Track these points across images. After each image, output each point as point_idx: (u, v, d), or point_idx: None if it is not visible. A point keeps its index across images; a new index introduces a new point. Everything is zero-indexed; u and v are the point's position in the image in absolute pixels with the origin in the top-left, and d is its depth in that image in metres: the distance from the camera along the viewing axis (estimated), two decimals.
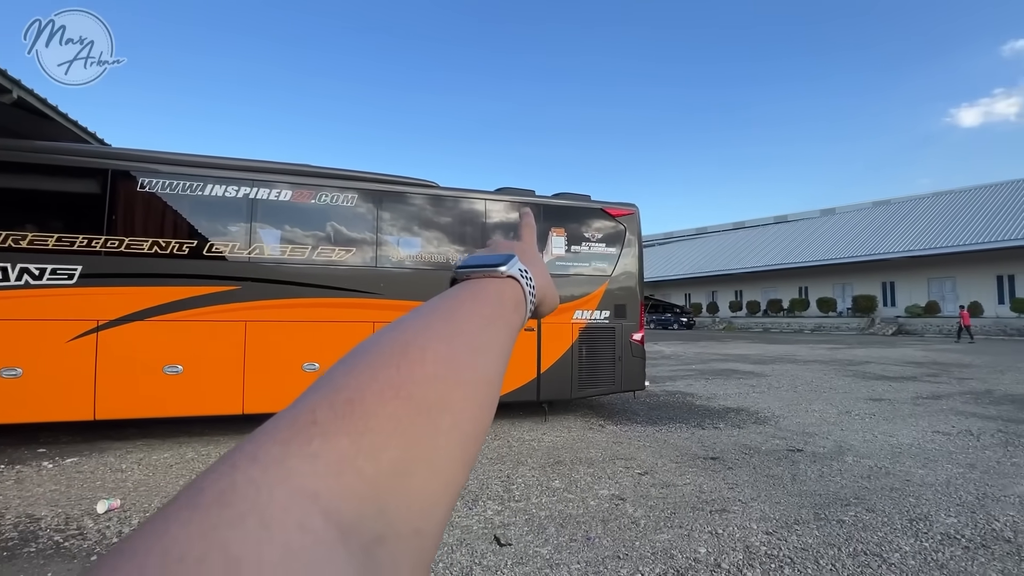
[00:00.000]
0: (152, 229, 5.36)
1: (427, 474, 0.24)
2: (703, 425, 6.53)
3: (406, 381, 0.26)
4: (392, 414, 0.24)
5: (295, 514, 0.19)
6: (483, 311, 0.36)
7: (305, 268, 5.77)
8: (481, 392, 0.30)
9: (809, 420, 6.76)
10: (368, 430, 0.23)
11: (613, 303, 6.95)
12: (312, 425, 0.22)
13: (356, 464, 0.22)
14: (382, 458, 0.23)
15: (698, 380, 10.81)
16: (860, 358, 15.45)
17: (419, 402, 0.26)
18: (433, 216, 6.42)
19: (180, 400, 5.30)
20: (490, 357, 0.33)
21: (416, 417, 0.25)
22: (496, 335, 0.35)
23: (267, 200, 5.70)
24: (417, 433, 0.25)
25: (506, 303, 0.39)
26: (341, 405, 0.24)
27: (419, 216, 6.35)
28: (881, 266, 33.72)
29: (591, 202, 7.14)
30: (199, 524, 0.17)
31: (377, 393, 0.25)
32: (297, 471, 0.20)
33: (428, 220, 6.39)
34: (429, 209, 6.39)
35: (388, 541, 0.21)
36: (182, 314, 5.31)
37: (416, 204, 6.33)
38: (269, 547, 0.17)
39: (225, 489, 0.19)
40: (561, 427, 6.43)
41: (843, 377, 11.09)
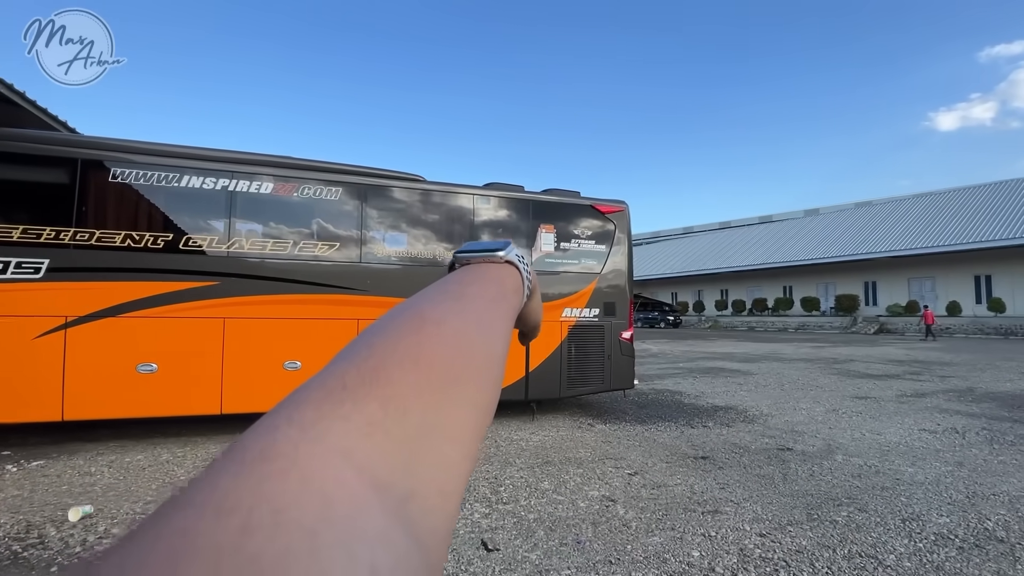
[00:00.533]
0: (125, 221, 5.14)
1: (447, 439, 0.25)
2: (692, 424, 6.48)
3: (425, 353, 0.27)
4: (414, 382, 0.25)
5: (331, 470, 0.20)
6: (488, 292, 0.37)
7: (287, 263, 5.58)
8: (491, 367, 0.31)
9: (797, 418, 6.76)
10: (394, 396, 0.24)
11: (602, 301, 6.86)
12: (343, 390, 0.24)
13: (385, 426, 0.23)
14: (407, 422, 0.24)
15: (686, 378, 10.80)
16: (844, 356, 15.63)
17: (438, 373, 0.27)
18: (420, 211, 6.26)
19: (155, 400, 5.09)
20: (496, 336, 0.34)
21: (436, 386, 0.26)
22: (501, 316, 0.36)
23: (247, 193, 5.50)
24: (437, 401, 0.26)
25: (507, 286, 0.40)
26: (368, 372, 0.25)
27: (405, 210, 6.20)
28: (863, 266, 34.29)
29: (580, 199, 7.05)
30: (247, 478, 0.18)
31: (399, 363, 0.26)
32: (331, 431, 0.21)
33: (415, 215, 6.23)
34: (416, 203, 6.24)
35: (417, 498, 0.22)
36: (157, 310, 5.10)
37: (402, 198, 6.17)
38: (309, 499, 0.18)
39: (267, 447, 0.20)
40: (550, 426, 6.33)
41: (828, 375, 11.18)
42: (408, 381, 0.25)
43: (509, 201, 6.65)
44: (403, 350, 0.27)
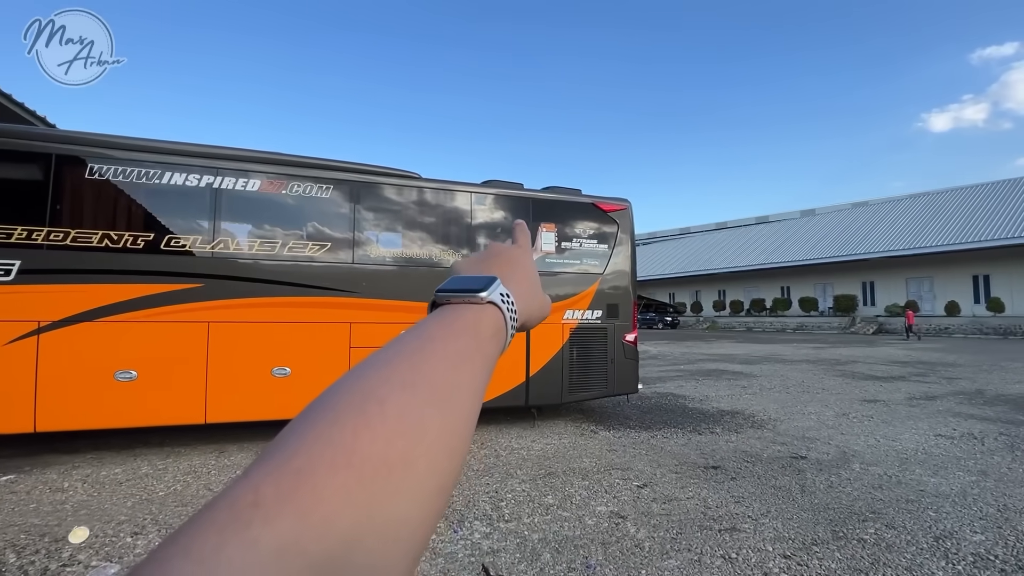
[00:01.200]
0: (103, 220, 4.85)
1: (383, 542, 0.23)
2: (699, 430, 6.24)
3: (361, 445, 0.24)
4: (343, 484, 0.23)
5: None
6: (456, 346, 0.34)
7: (275, 264, 5.31)
8: (448, 443, 0.28)
9: (807, 423, 6.52)
10: (316, 505, 0.22)
11: (605, 302, 6.62)
12: (253, 507, 0.21)
13: (300, 546, 0.20)
14: (331, 535, 0.21)
15: (688, 381, 10.57)
16: (846, 357, 15.44)
17: (376, 464, 0.24)
18: (415, 209, 6.00)
19: (134, 409, 4.80)
20: (460, 400, 0.31)
21: (372, 483, 0.24)
22: (470, 372, 0.33)
23: (233, 190, 5.23)
24: (372, 500, 0.23)
25: (483, 333, 0.37)
26: (288, 480, 0.22)
27: (400, 209, 5.93)
28: (861, 266, 34.21)
29: (582, 196, 6.81)
30: None
31: (329, 462, 0.23)
32: (234, 562, 0.19)
33: (410, 213, 5.97)
34: (411, 201, 5.97)
35: None
36: (136, 314, 4.82)
37: (397, 196, 5.91)
38: None
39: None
40: (552, 433, 6.07)
41: (833, 377, 10.97)
42: (337, 483, 0.22)
43: (508, 199, 6.39)
44: (337, 443, 0.24)
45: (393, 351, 0.32)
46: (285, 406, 5.24)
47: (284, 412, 5.28)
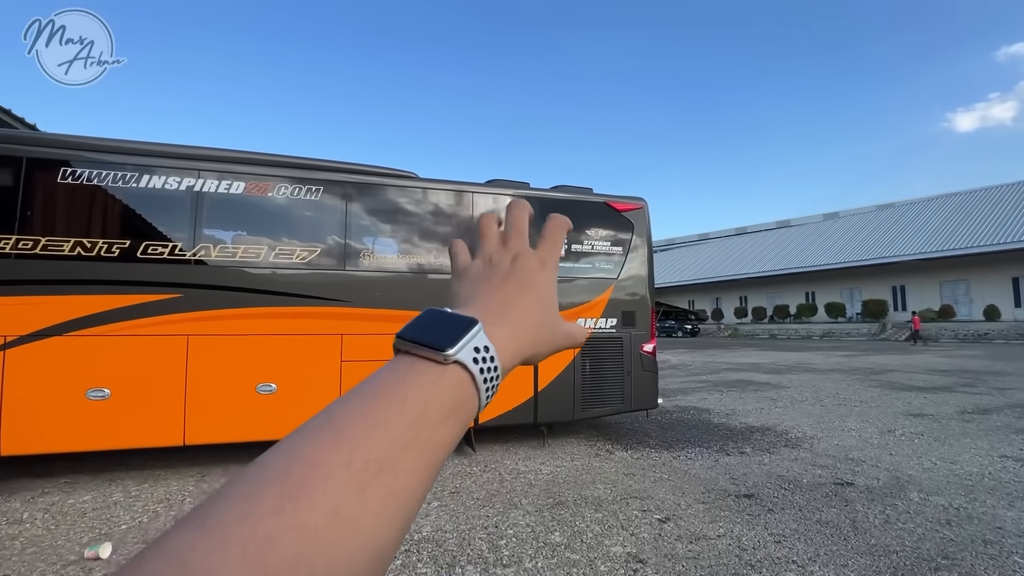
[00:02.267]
0: (76, 227, 4.54)
1: None
2: (727, 449, 5.63)
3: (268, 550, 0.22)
4: None
5: None
6: (389, 434, 0.28)
7: (260, 272, 4.93)
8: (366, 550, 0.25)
9: (848, 442, 5.86)
10: None
11: (620, 310, 6.08)
12: None
13: None
14: None
15: (712, 393, 9.91)
16: (881, 366, 14.53)
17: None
18: (412, 211, 5.58)
19: (106, 431, 4.43)
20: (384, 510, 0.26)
21: None
22: (402, 475, 0.27)
23: (215, 193, 4.87)
24: None
25: (432, 413, 0.30)
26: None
27: (396, 211, 5.52)
28: (890, 270, 32.86)
29: (593, 195, 6.32)
30: None
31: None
32: None
33: (406, 216, 5.55)
34: (407, 204, 5.56)
35: None
36: (110, 327, 4.46)
37: (392, 198, 5.50)
38: None
39: None
40: (563, 454, 5.54)
41: (870, 388, 10.18)
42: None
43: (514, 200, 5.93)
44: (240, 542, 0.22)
45: (326, 421, 0.28)
46: (271, 425, 4.82)
47: (270, 432, 4.86)
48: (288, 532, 0.22)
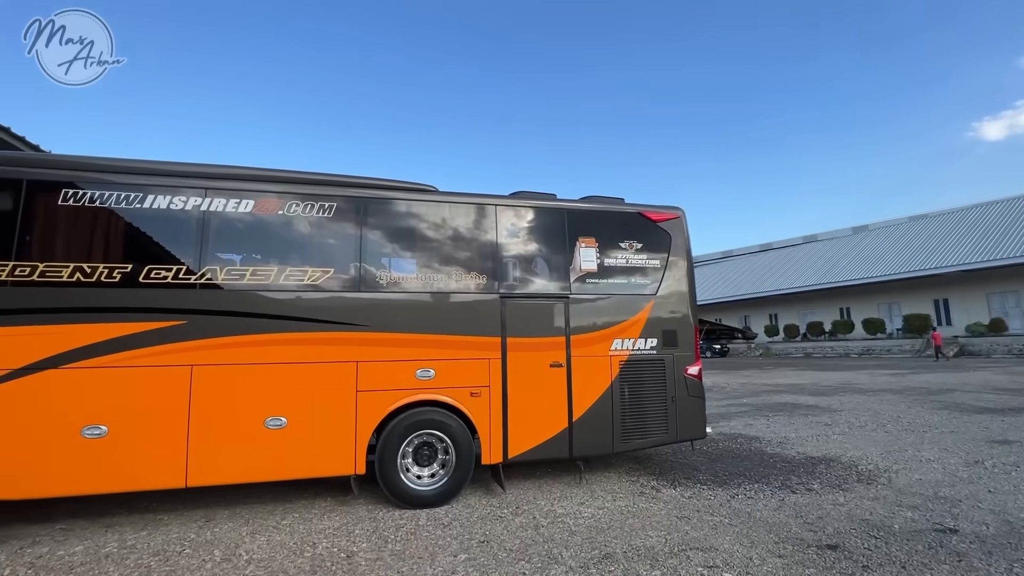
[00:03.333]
0: (76, 251, 4.25)
1: None
2: (791, 485, 4.95)
3: None
4: None
5: None
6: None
7: (270, 296, 4.56)
8: None
9: (933, 476, 5.11)
10: None
11: (660, 329, 5.52)
12: None
13: None
14: None
15: (757, 418, 9.14)
16: (936, 385, 13.43)
17: None
18: (431, 227, 5.18)
19: (102, 472, 4.04)
20: None
21: None
22: None
23: (223, 212, 4.57)
24: None
25: None
26: None
27: (414, 228, 5.13)
28: (931, 282, 31.28)
29: (626, 205, 5.84)
30: None
31: None
32: None
33: (425, 232, 5.15)
34: (426, 219, 5.17)
35: None
36: (109, 359, 4.12)
37: (410, 212, 5.12)
38: None
39: None
40: (603, 492, 4.93)
41: (934, 410, 9.26)
42: None
43: (538, 211, 5.50)
44: None
45: None
46: (280, 463, 4.38)
47: (279, 471, 4.42)
48: None
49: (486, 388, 4.91)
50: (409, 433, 4.69)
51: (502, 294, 5.10)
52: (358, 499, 4.80)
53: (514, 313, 5.10)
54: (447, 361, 4.86)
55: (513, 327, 5.06)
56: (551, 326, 5.21)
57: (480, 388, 4.89)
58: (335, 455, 4.51)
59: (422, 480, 4.72)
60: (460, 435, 4.76)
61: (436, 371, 4.79)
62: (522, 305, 5.17)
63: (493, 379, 4.94)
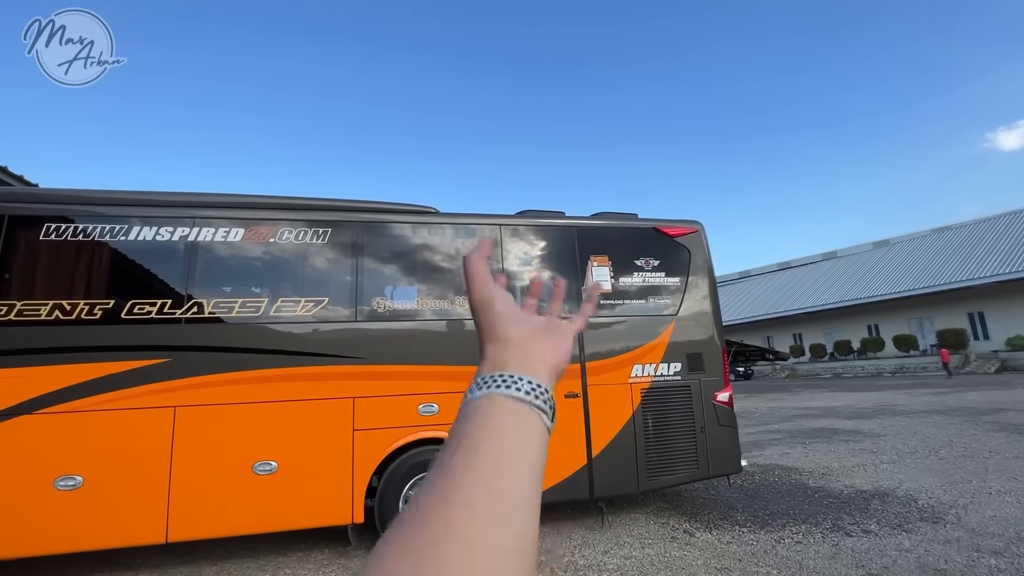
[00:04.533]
0: (56, 288, 4.02)
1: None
2: (843, 526, 4.36)
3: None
4: None
5: None
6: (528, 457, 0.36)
7: (260, 329, 4.25)
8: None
9: (1009, 512, 4.47)
10: None
11: (684, 352, 5.07)
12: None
13: None
14: None
15: (793, 446, 8.45)
16: (985, 404, 12.49)
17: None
18: (433, 251, 4.88)
19: (77, 529, 3.68)
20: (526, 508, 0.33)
21: None
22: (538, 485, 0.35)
23: (211, 242, 4.32)
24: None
25: (536, 442, 0.38)
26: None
27: (414, 252, 4.82)
28: (964, 295, 29.95)
29: (640, 221, 5.48)
30: None
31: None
32: None
33: (426, 257, 4.84)
34: (427, 242, 4.87)
35: None
36: (86, 402, 3.82)
37: (409, 236, 4.83)
38: None
39: None
40: (630, 538, 4.40)
41: (989, 433, 8.47)
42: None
43: (546, 230, 5.17)
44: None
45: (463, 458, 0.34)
46: (269, 514, 3.98)
47: (269, 522, 4.02)
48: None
49: None
50: (412, 476, 4.26)
51: None
52: (357, 551, 4.35)
53: None
54: (452, 395, 4.45)
55: None
56: None
57: None
58: (330, 502, 4.09)
59: None
60: None
61: (440, 406, 4.39)
62: None
63: None
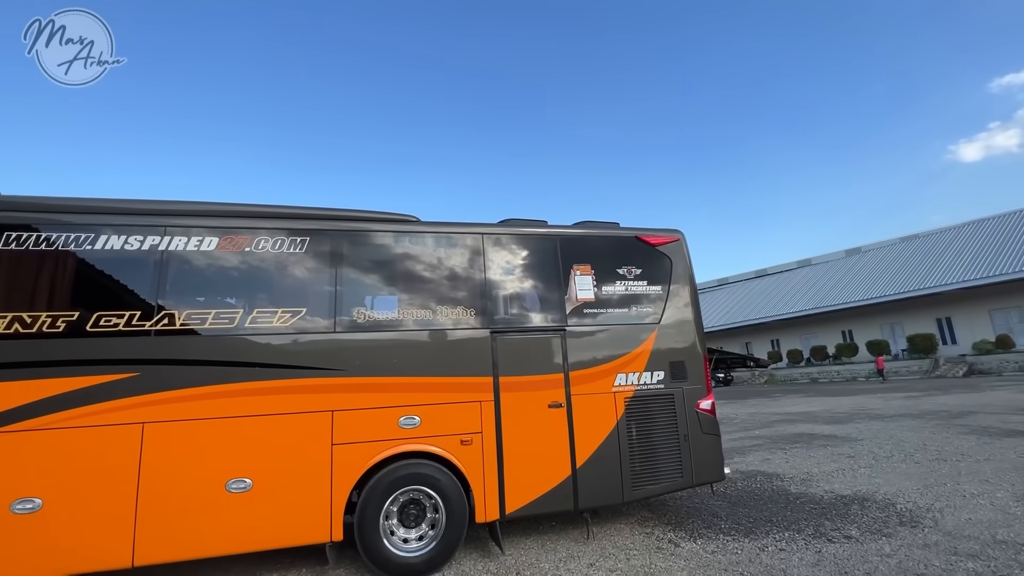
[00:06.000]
0: (15, 300, 3.82)
1: None
2: (825, 532, 4.39)
3: None
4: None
5: None
6: None
7: (234, 341, 4.11)
8: None
9: (983, 514, 4.56)
10: None
11: (667, 360, 5.07)
12: None
13: None
14: None
15: (774, 452, 8.55)
16: (956, 407, 12.85)
17: None
18: (414, 260, 4.80)
19: (36, 553, 3.47)
20: None
21: None
22: None
23: (184, 252, 4.18)
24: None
25: None
26: None
27: (395, 261, 4.74)
28: (932, 301, 30.97)
29: (622, 230, 5.50)
30: None
31: None
32: None
33: (407, 265, 4.76)
34: (408, 251, 4.79)
35: None
36: (47, 419, 3.63)
37: (390, 245, 4.75)
38: None
39: None
40: (614, 549, 4.36)
41: (961, 435, 8.69)
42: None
43: (529, 239, 5.14)
44: None
45: None
46: (243, 533, 3.82)
47: (243, 542, 3.85)
48: None
49: (478, 435, 4.40)
50: (393, 490, 4.15)
51: (492, 329, 4.68)
52: (336, 570, 4.21)
53: (506, 349, 4.66)
54: (434, 406, 4.37)
55: (506, 365, 4.61)
56: (548, 362, 4.76)
57: (471, 435, 4.39)
58: (308, 520, 3.95)
59: (409, 544, 4.15)
60: (451, 490, 4.22)
61: (422, 418, 4.30)
62: (515, 340, 4.73)
63: (486, 424, 4.44)
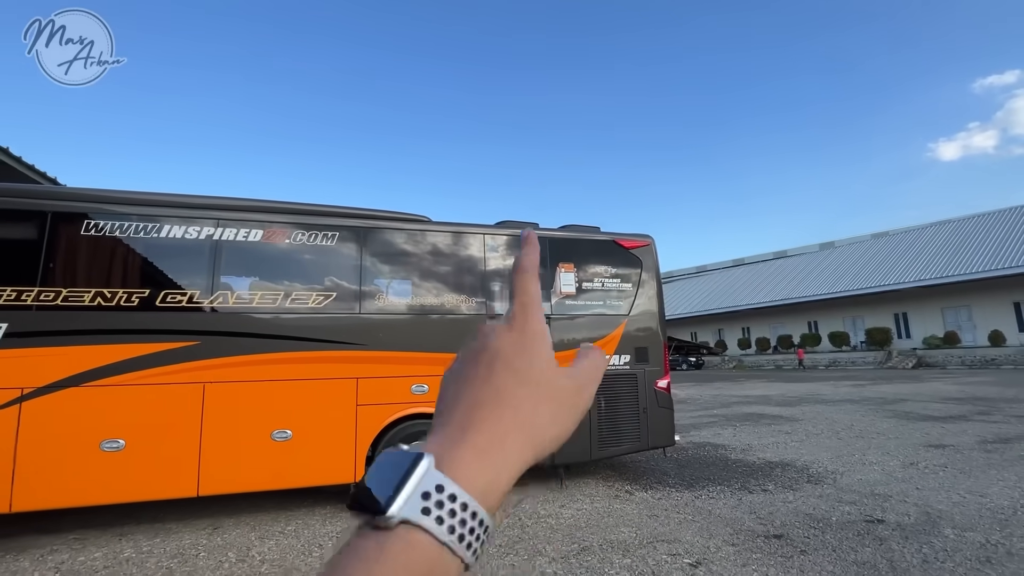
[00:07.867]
0: (97, 278, 4.60)
1: None
2: (749, 487, 5.52)
3: None
4: None
5: None
6: None
7: (277, 318, 4.96)
8: None
9: (872, 476, 5.75)
10: None
11: (633, 346, 6.09)
12: None
13: None
14: None
15: (725, 428, 9.76)
16: (892, 395, 14.36)
17: None
18: (426, 254, 5.67)
19: (120, 483, 4.35)
20: None
21: None
22: None
23: (234, 241, 4.97)
24: None
25: None
26: None
27: (409, 254, 5.61)
28: (891, 297, 32.94)
29: (601, 234, 6.43)
30: None
31: None
32: None
33: (420, 259, 5.64)
34: (421, 246, 5.66)
35: None
36: (127, 377, 4.46)
37: (406, 241, 5.60)
38: None
39: None
40: (581, 496, 5.42)
41: (885, 419, 10.04)
42: None
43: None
44: None
45: None
46: (285, 473, 4.75)
47: (284, 480, 4.79)
48: None
49: None
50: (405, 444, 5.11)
51: (490, 314, 5.61)
52: None
53: None
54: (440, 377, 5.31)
55: None
56: None
57: None
58: (336, 465, 4.90)
59: None
60: None
61: (430, 386, 5.24)
62: None
63: None
